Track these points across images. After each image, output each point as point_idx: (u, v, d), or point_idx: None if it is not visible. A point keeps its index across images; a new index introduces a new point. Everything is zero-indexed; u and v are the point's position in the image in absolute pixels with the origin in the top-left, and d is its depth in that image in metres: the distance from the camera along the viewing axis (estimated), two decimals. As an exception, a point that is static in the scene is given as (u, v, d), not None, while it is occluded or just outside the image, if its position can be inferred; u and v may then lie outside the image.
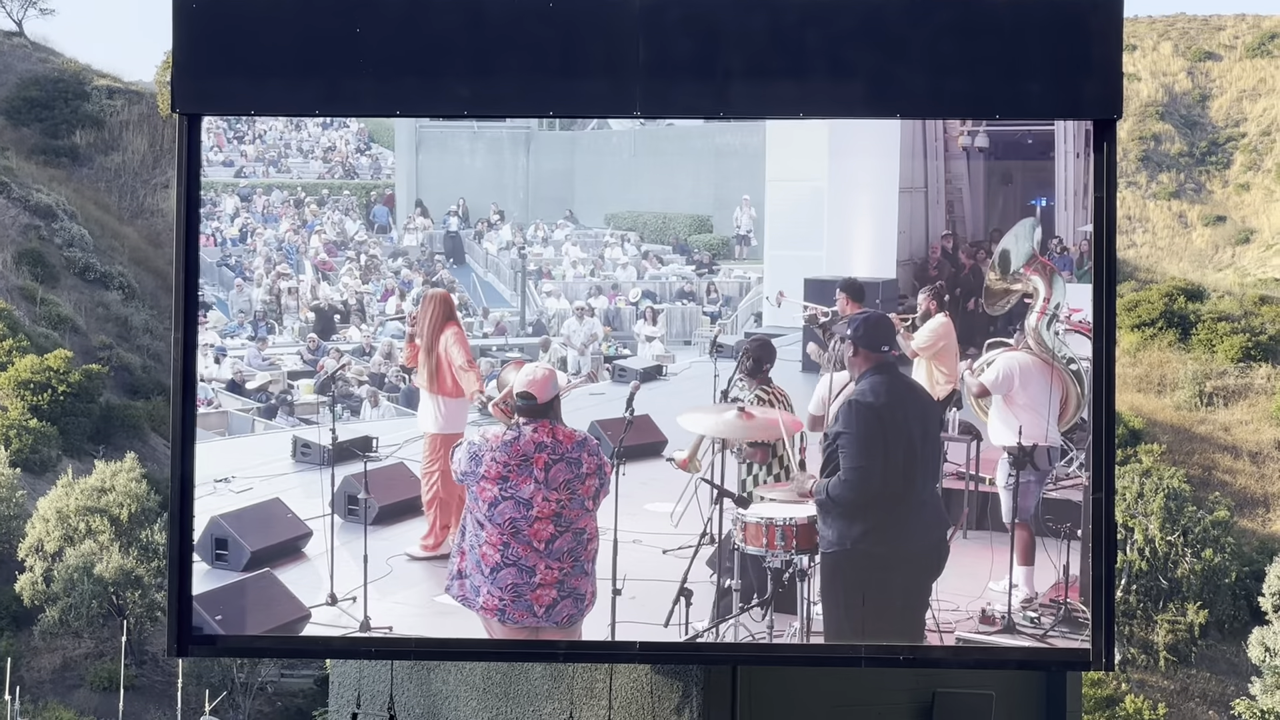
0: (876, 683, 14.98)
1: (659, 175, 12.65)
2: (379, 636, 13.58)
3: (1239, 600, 54.19)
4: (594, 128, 12.59)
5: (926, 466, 12.53)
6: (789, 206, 12.36)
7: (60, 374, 61.83)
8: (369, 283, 12.54)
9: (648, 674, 14.71)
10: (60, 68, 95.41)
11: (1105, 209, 13.44)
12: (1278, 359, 68.81)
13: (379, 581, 11.88)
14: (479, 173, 12.51)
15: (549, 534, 11.74)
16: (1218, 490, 59.33)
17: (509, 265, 12.61)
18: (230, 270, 12.69)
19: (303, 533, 12.05)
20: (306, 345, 12.39)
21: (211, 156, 12.77)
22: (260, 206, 12.73)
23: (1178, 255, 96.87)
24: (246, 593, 11.96)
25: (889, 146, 12.44)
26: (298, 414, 12.20)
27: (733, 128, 12.66)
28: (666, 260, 12.84)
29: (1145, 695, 50.21)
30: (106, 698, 50.33)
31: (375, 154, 13.03)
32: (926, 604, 12.47)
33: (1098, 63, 13.50)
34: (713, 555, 12.39)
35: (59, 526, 53.70)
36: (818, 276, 12.32)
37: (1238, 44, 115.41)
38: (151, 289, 76.87)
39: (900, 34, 13.50)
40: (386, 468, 12.20)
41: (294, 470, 12.11)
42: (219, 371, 12.40)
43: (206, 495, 11.87)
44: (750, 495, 12.39)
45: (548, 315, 12.68)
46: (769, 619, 12.27)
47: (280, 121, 13.23)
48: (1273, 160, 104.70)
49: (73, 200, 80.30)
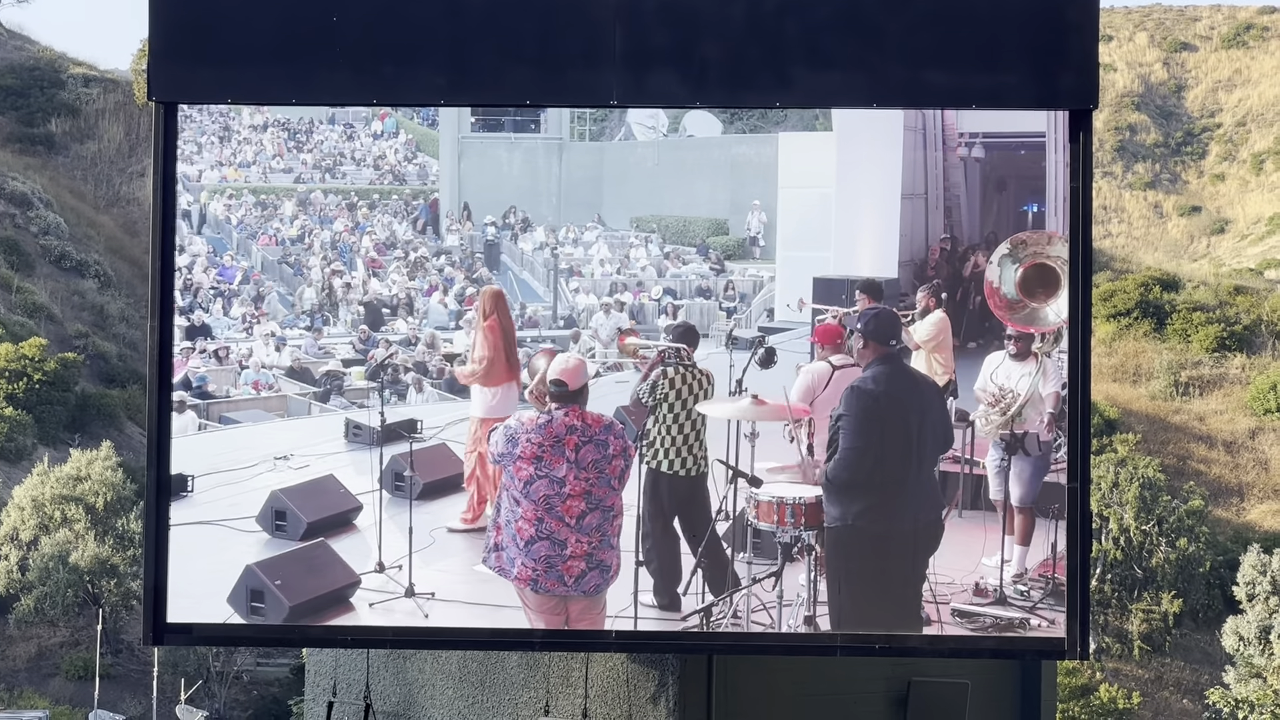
0: (852, 672, 15.01)
1: (680, 182, 13.66)
2: (354, 625, 13.59)
3: (1213, 589, 54.32)
4: (621, 139, 13.47)
5: (924, 451, 13.23)
6: (799, 211, 13.24)
7: (36, 362, 61.66)
8: (415, 279, 13.45)
9: (624, 663, 14.73)
10: (36, 55, 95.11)
11: (1081, 199, 13.47)
12: (1252, 349, 68.99)
13: (422, 551, 12.77)
14: (515, 179, 13.50)
15: (580, 510, 12.55)
16: (1192, 480, 59.45)
17: (542, 264, 13.51)
18: (289, 267, 13.68)
19: (354, 506, 12.96)
20: (358, 336, 13.32)
21: (274, 164, 13.82)
22: (317, 209, 13.72)
23: (1153, 245, 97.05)
24: (303, 560, 12.80)
25: (892, 156, 13.12)
26: (350, 398, 13.11)
27: (748, 139, 13.39)
28: (686, 260, 13.74)
29: (1120, 684, 50.33)
30: (82, 686, 50.24)
31: (421, 162, 13.94)
32: (923, 577, 13.13)
33: (1074, 53, 13.52)
34: (727, 530, 13.21)
35: (34, 515, 53.57)
36: (825, 276, 13.15)
37: (1213, 35, 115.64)
38: (127, 277, 76.68)
39: (878, 24, 13.51)
40: (430, 448, 13.18)
41: (346, 449, 13.06)
42: (279, 359, 13.39)
43: (267, 471, 12.79)
44: (761, 476, 13.24)
45: (577, 310, 13.65)
46: (779, 589, 13.03)
47: (336, 132, 14.06)
48: (1248, 151, 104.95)
49: (48, 188, 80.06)
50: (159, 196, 13.62)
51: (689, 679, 14.60)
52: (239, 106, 14.05)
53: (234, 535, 12.94)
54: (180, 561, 13.50)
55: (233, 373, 13.37)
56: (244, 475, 13.00)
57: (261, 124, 14.01)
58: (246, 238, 13.94)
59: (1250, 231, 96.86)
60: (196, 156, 13.71)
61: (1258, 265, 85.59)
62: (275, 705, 50.49)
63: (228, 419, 13.37)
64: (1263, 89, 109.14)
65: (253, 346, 13.58)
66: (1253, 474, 62.16)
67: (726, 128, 13.53)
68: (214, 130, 13.77)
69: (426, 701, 15.79)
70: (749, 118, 13.58)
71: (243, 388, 13.45)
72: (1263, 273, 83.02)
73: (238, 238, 13.86)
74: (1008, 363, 13.55)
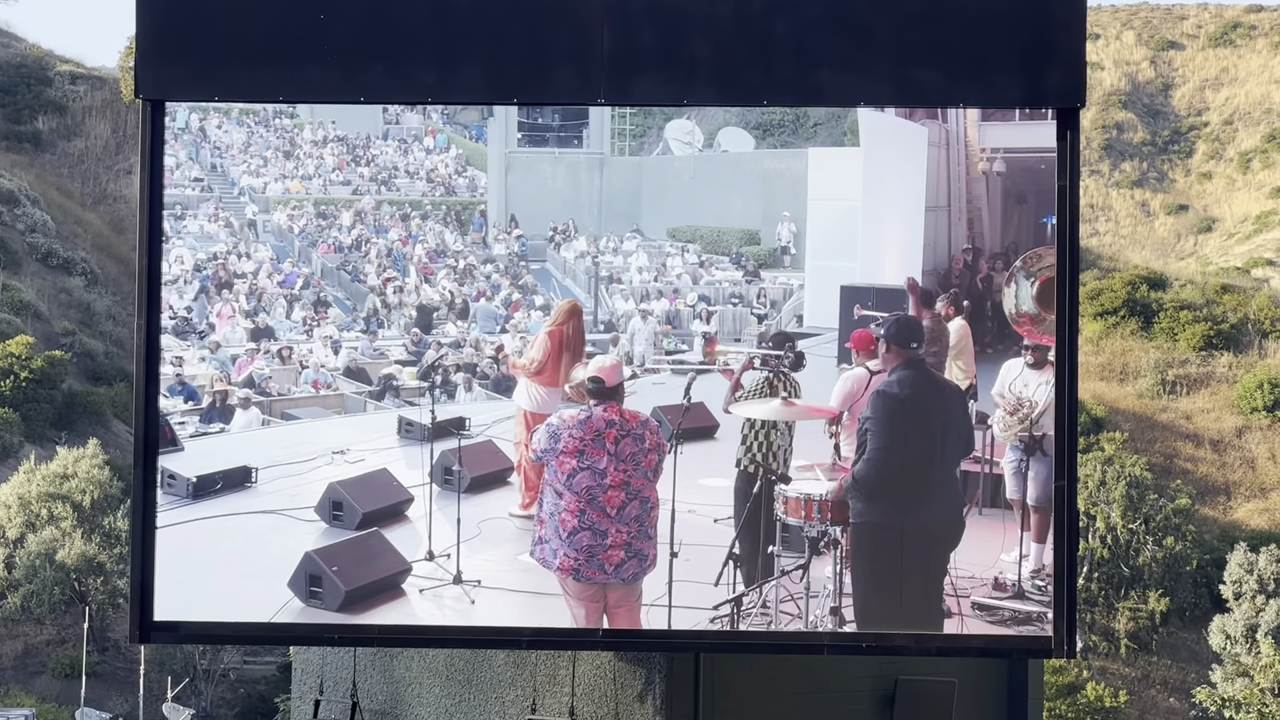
0: (839, 671, 15.02)
1: (714, 194, 14.45)
2: (341, 624, 13.61)
3: (1200, 588, 54.37)
4: (659, 153, 14.10)
5: (946, 452, 13.69)
6: (828, 222, 13.88)
7: (22, 360, 61.60)
8: (464, 285, 14.20)
9: (610, 661, 14.73)
10: (23, 53, 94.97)
11: (1068, 198, 13.49)
12: (1239, 348, 69.09)
13: (470, 541, 13.44)
14: (559, 191, 14.32)
15: (620, 500, 13.22)
16: (1179, 478, 59.53)
17: (584, 271, 14.23)
18: (347, 274, 14.41)
19: (406, 498, 13.63)
20: (410, 339, 14.04)
21: (334, 177, 14.48)
22: (372, 219, 14.52)
23: (1140, 244, 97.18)
24: (358, 548, 13.36)
25: (916, 170, 13.61)
26: (403, 397, 13.86)
27: (779, 154, 13.97)
28: (720, 268, 14.47)
29: (1106, 683, 50.39)
30: (68, 684, 50.19)
31: (471, 176, 14.72)
32: (944, 573, 13.58)
33: (1061, 52, 13.54)
34: (757, 525, 13.83)
35: (21, 513, 53.51)
36: (852, 284, 13.80)
37: (1200, 33, 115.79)
38: (114, 275, 76.60)
39: (866, 23, 13.53)
40: (477, 444, 13.93)
41: (399, 445, 13.78)
42: (337, 360, 14.22)
43: (325, 465, 13.56)
44: (789, 474, 13.88)
45: (617, 315, 14.36)
46: (806, 580, 13.56)
47: (391, 147, 14.67)
48: (1235, 149, 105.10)
49: (35, 186, 79.95)
50: (146, 194, 13.62)
51: (676, 677, 14.60)
52: (311, 123, 14.56)
53: (294, 524, 13.60)
54: (183, 558, 13.59)
55: (294, 372, 14.03)
56: (304, 468, 13.75)
57: (322, 139, 14.70)
58: (307, 246, 14.59)
59: (1237, 230, 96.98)
60: (262, 170, 14.52)
61: (1244, 264, 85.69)
62: (262, 703, 50.45)
63: (289, 415, 14.02)
64: (1250, 87, 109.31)
65: (313, 348, 14.26)
66: (1239, 472, 62.24)
67: (759, 143, 14.07)
68: (279, 145, 14.52)
69: (413, 700, 15.79)
70: (780, 133, 14.06)
71: (303, 386, 14.16)
72: (1249, 271, 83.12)
73: (299, 246, 14.56)
74: (1026, 371, 13.83)
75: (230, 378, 13.87)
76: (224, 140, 14.58)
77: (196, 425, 13.75)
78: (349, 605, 13.28)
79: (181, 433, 13.66)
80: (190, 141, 14.32)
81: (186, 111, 14.22)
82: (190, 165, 14.31)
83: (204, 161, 14.47)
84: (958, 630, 13.60)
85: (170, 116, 13.87)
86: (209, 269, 14.03)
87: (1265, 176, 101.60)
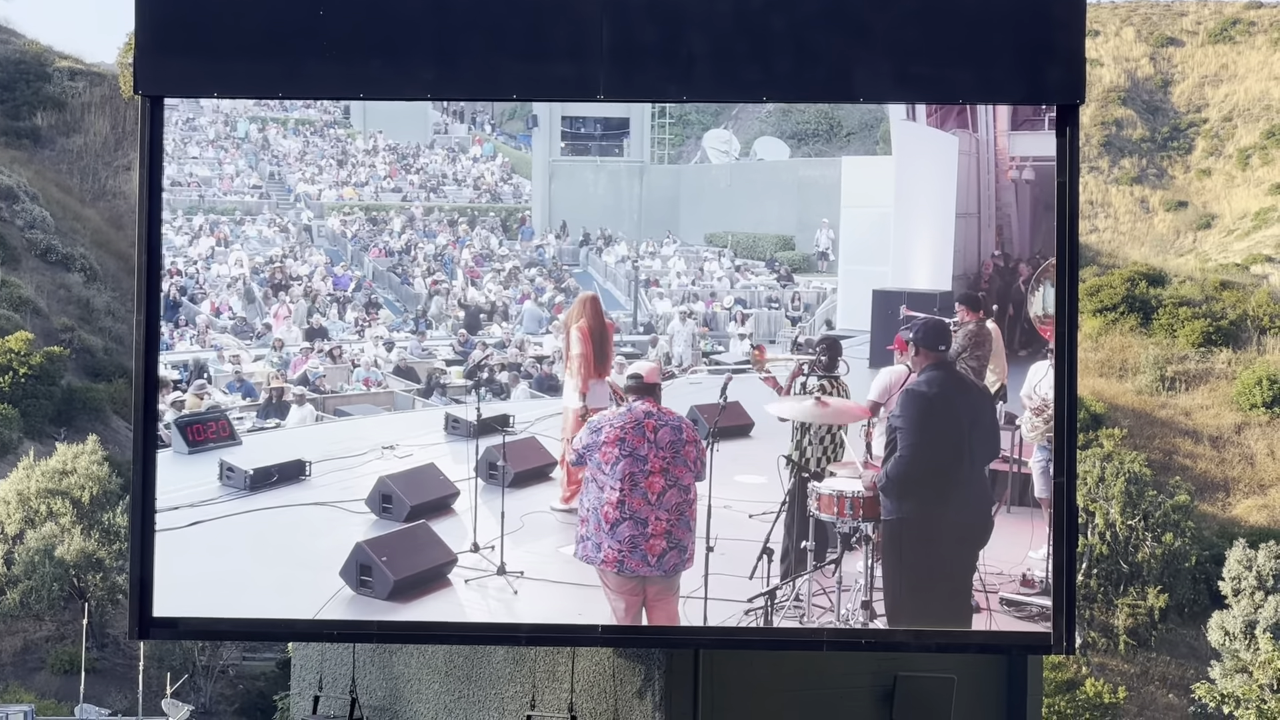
0: (839, 667, 15.02)
1: (750, 201, 14.88)
2: (341, 620, 13.61)
3: (1199, 584, 54.43)
4: (697, 161, 14.66)
5: (974, 451, 13.91)
6: (860, 228, 14.22)
7: (21, 356, 61.63)
8: (509, 288, 14.67)
9: (610, 657, 14.73)
10: (21, 49, 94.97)
11: (1068, 194, 13.49)
12: (1238, 344, 69.12)
13: (513, 534, 13.87)
14: (600, 198, 14.74)
15: (661, 487, 13.55)
16: (1178, 474, 59.57)
17: (624, 275, 14.73)
18: (397, 276, 14.98)
19: (452, 492, 14.08)
20: (457, 339, 14.53)
21: (384, 184, 15.06)
22: (421, 225, 15.09)
23: (1139, 240, 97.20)
24: (406, 539, 13.73)
25: (947, 178, 13.93)
26: (449, 395, 14.36)
27: (813, 163, 14.31)
28: (756, 272, 14.93)
29: (1105, 679, 50.42)
30: (68, 680, 50.24)
31: (515, 183, 15.26)
32: (973, 569, 13.77)
33: (1060, 48, 13.53)
34: (790, 520, 14.18)
35: (20, 509, 53.56)
36: (883, 288, 14.14)
37: (1200, 30, 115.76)
38: (113, 271, 76.64)
39: (864, 19, 13.52)
40: (521, 440, 14.34)
41: (445, 441, 14.20)
42: (389, 358, 14.75)
43: (375, 459, 14.04)
44: (824, 471, 14.18)
45: (656, 317, 14.77)
46: (838, 575, 13.83)
47: (439, 154, 15.14)
48: (1234, 146, 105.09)
49: (34, 182, 79.98)
50: (145, 190, 13.61)
51: (675, 673, 14.60)
52: (363, 132, 14.95)
53: (345, 515, 13.97)
54: (235, 549, 13.74)
55: (346, 370, 14.52)
56: (355, 462, 14.18)
57: (374, 148, 15.23)
58: (359, 250, 15.13)
59: (1236, 226, 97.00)
60: (317, 177, 15.07)
61: (1244, 260, 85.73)
62: (261, 699, 50.50)
63: (341, 412, 14.51)
64: (1249, 84, 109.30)
65: (364, 347, 14.76)
66: (1238, 469, 62.28)
67: (794, 152, 14.39)
68: (333, 154, 15.09)
69: (412, 696, 15.79)
70: (814, 142, 14.35)
71: (354, 384, 14.64)
72: (1249, 268, 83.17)
73: (352, 250, 15.11)
74: (1051, 374, 13.89)
75: (286, 375, 14.34)
76: (281, 149, 15.17)
77: (254, 421, 14.23)
78: (397, 594, 13.59)
79: (240, 428, 14.14)
80: (250, 150, 14.90)
81: (247, 122, 14.80)
82: (249, 173, 14.93)
83: (263, 171, 15.07)
84: (987, 626, 13.71)
85: (230, 126, 14.59)
86: (266, 272, 14.49)
87: (1264, 173, 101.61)
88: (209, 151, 14.77)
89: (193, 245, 14.49)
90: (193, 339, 14.25)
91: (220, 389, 14.18)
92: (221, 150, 14.86)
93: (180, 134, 14.14)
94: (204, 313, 14.44)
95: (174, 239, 14.10)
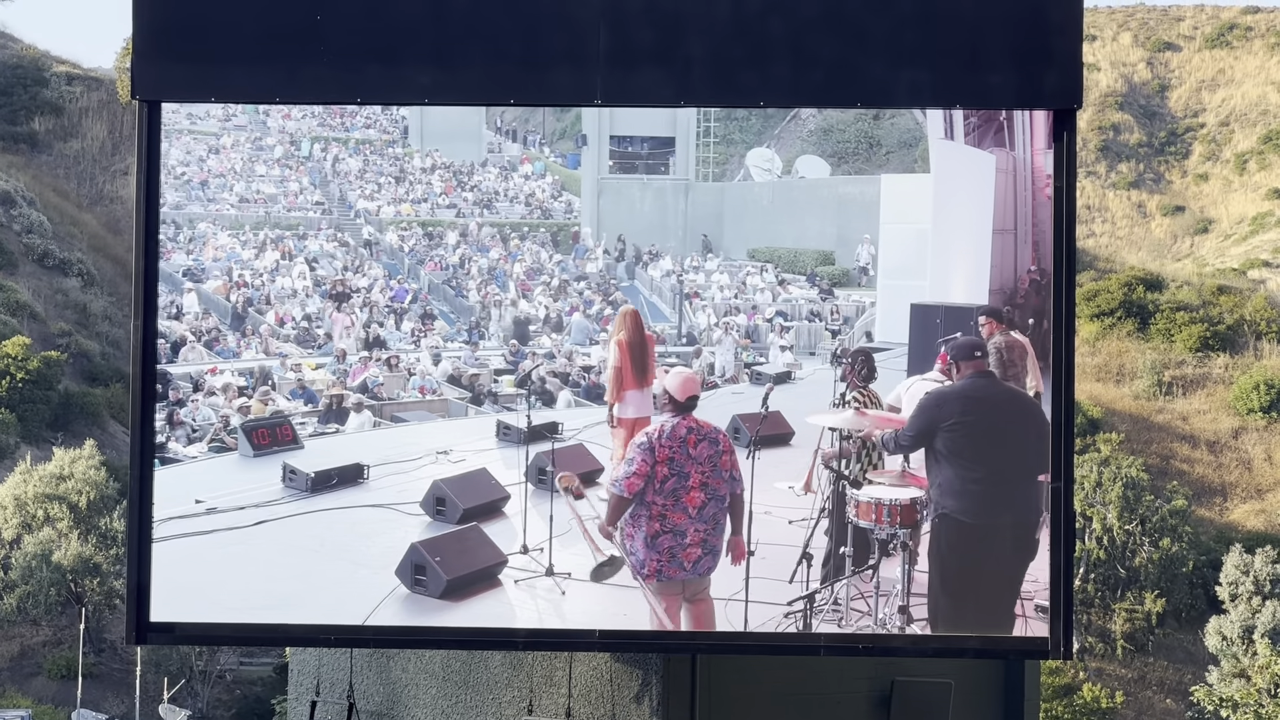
0: (836, 672, 15.02)
1: (792, 218, 15.27)
2: (338, 625, 13.61)
3: (1196, 589, 54.44)
4: (740, 179, 15.08)
5: (1026, 460, 13.93)
6: (899, 244, 14.51)
7: (19, 361, 61.61)
8: (558, 300, 15.13)
9: (607, 662, 14.73)
10: (19, 54, 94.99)
11: (1065, 199, 13.50)
12: (1235, 349, 69.14)
13: (561, 537, 14.23)
14: (647, 214, 15.30)
15: (700, 501, 14.00)
16: (1175, 479, 59.59)
17: (669, 289, 15.16)
18: (451, 289, 15.64)
19: (503, 496, 14.46)
20: (509, 349, 15.01)
21: (440, 201, 15.85)
22: (475, 240, 15.69)
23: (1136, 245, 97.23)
24: (459, 540, 14.16)
25: (984, 195, 14.17)
26: (501, 403, 14.81)
27: (854, 180, 14.72)
28: (797, 286, 15.28)
29: (1103, 683, 50.42)
30: (65, 686, 50.21)
31: (566, 200, 15.73)
32: (1020, 578, 13.93)
33: (1058, 53, 13.54)
34: (829, 526, 14.48)
35: (17, 514, 53.51)
36: (921, 302, 14.40)
37: (1197, 35, 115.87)
38: (110, 276, 76.62)
39: (862, 24, 13.52)
40: (569, 447, 14.77)
41: (497, 447, 14.66)
42: (442, 367, 15.28)
43: (430, 464, 14.50)
44: (863, 479, 14.49)
45: (699, 329, 15.23)
46: (875, 580, 14.07)
47: (493, 172, 15.62)
48: (1231, 151, 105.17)
49: (31, 186, 79.96)
50: (143, 195, 13.61)
51: (673, 678, 14.61)
52: (420, 150, 15.28)
53: (401, 517, 14.41)
54: (294, 549, 13.84)
55: (402, 379, 15.07)
56: (410, 467, 14.65)
57: (430, 166, 15.69)
58: (416, 263, 15.61)
59: (1233, 231, 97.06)
60: (376, 194, 15.62)
61: (1241, 265, 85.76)
62: (258, 704, 50.47)
63: (398, 418, 15.04)
64: (1246, 89, 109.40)
65: (419, 357, 15.26)
66: (1236, 474, 62.30)
67: (835, 170, 14.77)
68: (391, 172, 15.60)
69: (410, 701, 15.79)
70: (854, 161, 14.67)
71: (410, 392, 15.20)
72: (1246, 272, 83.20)
73: (408, 263, 15.60)
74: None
75: (346, 383, 14.84)
76: (341, 167, 15.69)
77: (315, 426, 14.67)
78: (450, 593, 13.95)
79: (302, 432, 14.57)
80: (313, 168, 15.40)
81: (310, 142, 15.30)
82: (311, 190, 15.49)
83: (331, 194, 15.62)
84: (1022, 632, 13.79)
85: (296, 146, 15.15)
86: (327, 284, 15.02)
87: (1261, 178, 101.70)
88: (275, 170, 15.44)
89: (258, 259, 15.05)
90: (258, 347, 14.80)
91: (284, 395, 14.69)
92: (286, 169, 15.45)
93: (249, 153, 14.96)
94: (268, 322, 14.93)
95: (241, 253, 14.82)
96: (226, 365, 14.64)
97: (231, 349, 14.63)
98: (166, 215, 13.97)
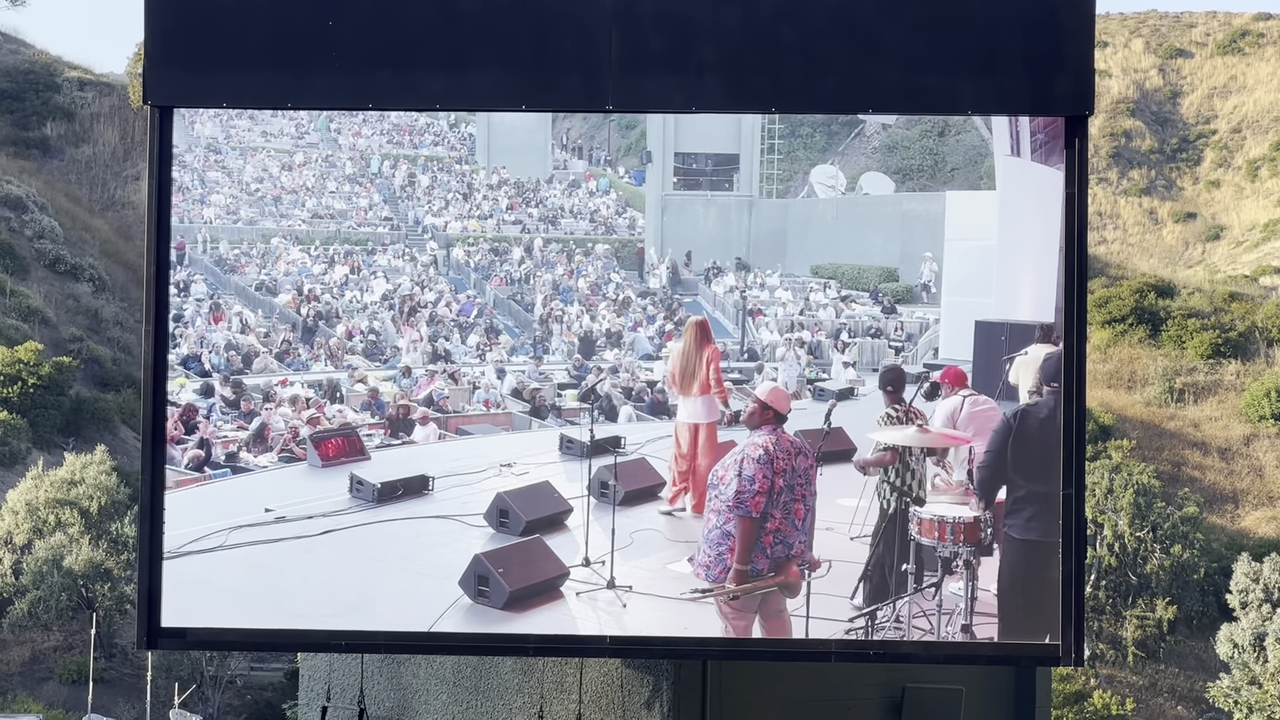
0: (847, 678, 15.02)
1: (856, 234, 15.37)
2: (350, 630, 13.61)
3: (1207, 596, 54.38)
4: (804, 196, 15.12)
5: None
6: (964, 261, 14.58)
7: (30, 366, 61.68)
8: (622, 316, 15.31)
9: (618, 668, 14.73)
10: (31, 59, 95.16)
11: (1076, 205, 13.49)
12: (1247, 355, 69.09)
13: (623, 550, 14.34)
14: (710, 231, 15.32)
15: (803, 513, 14.10)
16: (1187, 486, 59.55)
17: (732, 304, 15.21)
18: (517, 304, 15.82)
19: (565, 509, 14.59)
20: (572, 363, 15.15)
21: (505, 217, 15.94)
22: (540, 255, 15.97)
23: (1148, 252, 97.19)
24: (522, 552, 14.24)
25: (1051, 210, 13.93)
26: (564, 416, 14.94)
27: (918, 197, 14.78)
28: (859, 303, 15.32)
29: (1114, 690, 50.38)
30: (75, 690, 50.24)
31: (630, 216, 15.90)
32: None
33: (1069, 59, 13.53)
34: (874, 539, 14.54)
35: (28, 519, 53.56)
36: (986, 319, 14.45)
37: (1209, 41, 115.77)
38: (122, 281, 76.72)
39: (874, 30, 13.52)
40: (632, 460, 14.87)
41: (560, 460, 14.80)
42: (505, 383, 15.50)
43: (494, 476, 14.73)
44: (925, 496, 14.44)
45: (761, 345, 15.33)
46: (938, 598, 14.10)
47: (558, 189, 15.76)
48: (1243, 157, 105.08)
49: (43, 192, 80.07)
50: (154, 201, 13.62)
51: (683, 684, 14.60)
52: (487, 167, 15.39)
53: (464, 528, 14.54)
54: (359, 559, 13.80)
55: (467, 392, 15.24)
56: (474, 479, 14.86)
57: (496, 183, 15.80)
58: (482, 279, 15.75)
59: (1245, 238, 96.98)
60: (443, 210, 15.77)
61: (1252, 272, 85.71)
62: (269, 710, 50.50)
63: (463, 431, 15.23)
64: (1258, 95, 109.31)
65: (484, 370, 15.48)
66: (1247, 480, 62.24)
67: (899, 186, 14.78)
68: (458, 188, 15.78)
69: (421, 706, 15.79)
70: (919, 177, 14.65)
71: (475, 405, 15.37)
72: (1258, 279, 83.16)
73: (475, 278, 15.74)
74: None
75: (412, 396, 15.01)
76: (410, 184, 15.84)
77: (382, 438, 14.82)
78: (512, 604, 14.00)
79: (369, 444, 14.73)
80: (382, 184, 15.58)
81: (379, 159, 15.43)
82: (380, 206, 15.64)
83: (400, 211, 15.71)
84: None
85: (366, 163, 15.33)
86: (395, 299, 15.21)
87: (1273, 185, 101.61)
88: (345, 186, 15.61)
89: (327, 274, 15.21)
90: (326, 360, 15.01)
91: (352, 408, 14.86)
92: (357, 185, 15.60)
93: (320, 170, 15.14)
94: (337, 335, 15.11)
95: (311, 267, 15.04)
96: (296, 377, 14.84)
97: (302, 361, 14.82)
98: (240, 231, 14.07)
